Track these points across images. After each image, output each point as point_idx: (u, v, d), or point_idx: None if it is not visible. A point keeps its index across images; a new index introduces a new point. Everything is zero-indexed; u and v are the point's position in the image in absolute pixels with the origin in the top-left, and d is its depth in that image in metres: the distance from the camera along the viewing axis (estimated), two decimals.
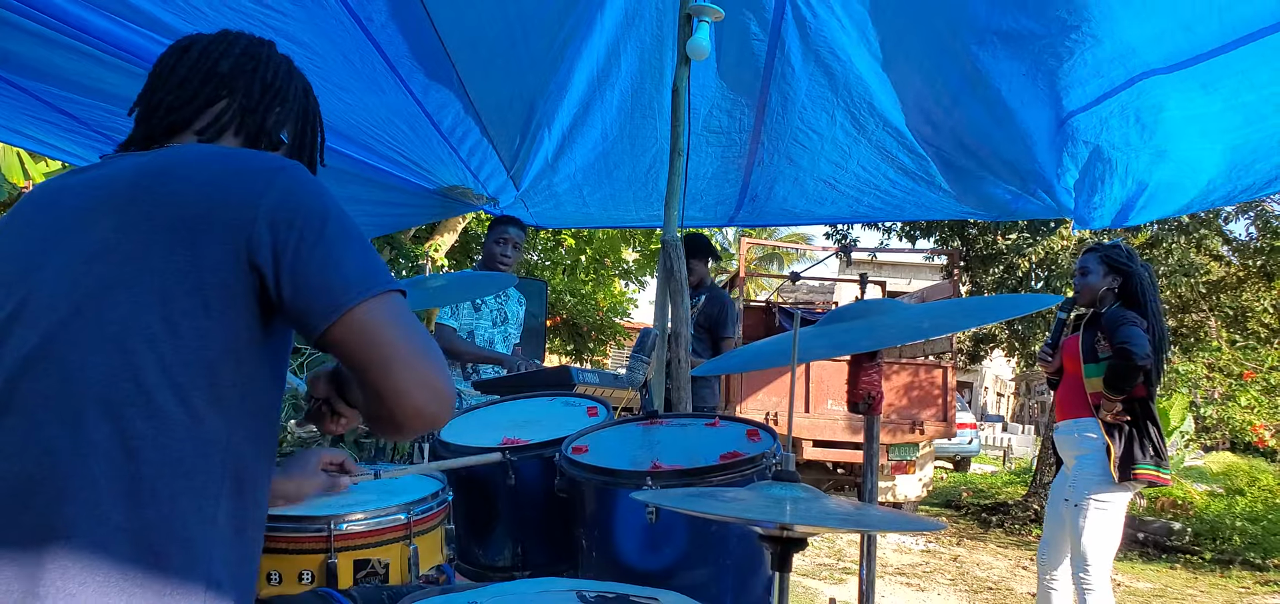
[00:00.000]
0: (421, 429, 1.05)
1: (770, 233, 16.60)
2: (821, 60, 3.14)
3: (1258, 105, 2.69)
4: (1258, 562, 7.27)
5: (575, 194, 4.36)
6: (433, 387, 1.02)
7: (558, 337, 14.26)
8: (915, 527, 1.10)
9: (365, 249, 1.05)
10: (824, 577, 6.27)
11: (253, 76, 1.22)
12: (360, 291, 1.01)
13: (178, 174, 1.04)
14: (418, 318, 2.83)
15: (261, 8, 2.43)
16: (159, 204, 1.01)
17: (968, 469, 16.73)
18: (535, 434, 2.13)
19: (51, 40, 2.30)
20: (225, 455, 1.02)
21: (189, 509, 0.98)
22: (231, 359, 1.01)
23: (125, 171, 1.07)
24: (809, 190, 3.99)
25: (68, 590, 0.91)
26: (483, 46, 2.99)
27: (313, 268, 1.01)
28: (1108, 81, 2.80)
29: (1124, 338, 3.33)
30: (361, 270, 1.02)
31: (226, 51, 1.22)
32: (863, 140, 3.53)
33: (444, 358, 1.07)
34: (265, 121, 1.23)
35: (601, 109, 3.57)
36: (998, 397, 33.27)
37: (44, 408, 0.96)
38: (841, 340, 1.55)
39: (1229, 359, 11.33)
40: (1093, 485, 3.42)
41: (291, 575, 1.59)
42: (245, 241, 1.00)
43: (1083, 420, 3.50)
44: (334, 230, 1.03)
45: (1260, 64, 2.51)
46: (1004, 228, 11.97)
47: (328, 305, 1.00)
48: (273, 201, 1.01)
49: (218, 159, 1.08)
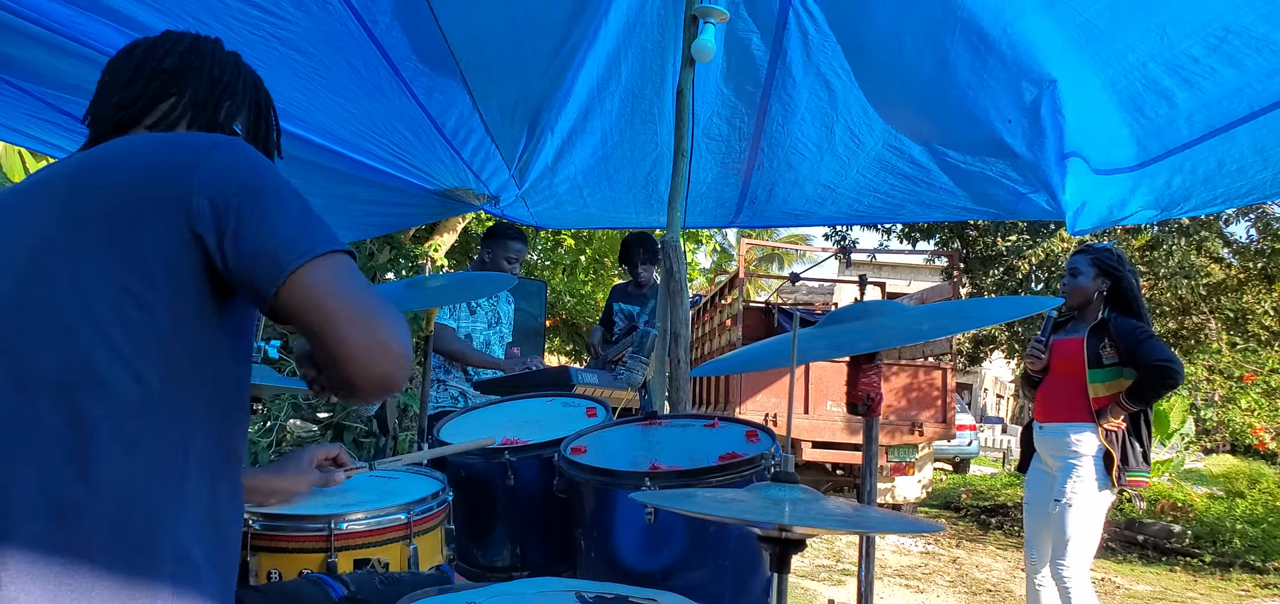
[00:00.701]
0: (377, 390, 1.02)
1: (770, 233, 16.59)
2: (822, 75, 3.15)
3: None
4: (1258, 564, 7.26)
5: (576, 195, 4.36)
6: (383, 345, 1.00)
7: (557, 336, 14.26)
8: (914, 528, 1.10)
9: (304, 211, 1.05)
10: (823, 578, 6.27)
11: (200, 72, 1.22)
12: (301, 254, 1.00)
13: (116, 160, 1.06)
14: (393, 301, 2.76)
15: (265, 15, 2.43)
16: (97, 191, 1.03)
17: (967, 471, 16.72)
18: (534, 434, 2.14)
19: (54, 46, 2.30)
20: (187, 430, 1.02)
21: (153, 488, 0.99)
22: (183, 334, 1.02)
23: (66, 167, 1.09)
24: (809, 194, 4.00)
25: (32, 573, 0.92)
26: (488, 49, 2.99)
27: (253, 235, 1.01)
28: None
29: (1160, 354, 3.40)
30: (301, 232, 1.02)
31: (171, 49, 1.23)
32: (861, 154, 3.54)
33: (399, 315, 1.05)
34: (217, 115, 1.23)
35: (602, 114, 3.58)
36: (997, 398, 33.26)
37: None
38: (841, 342, 1.55)
39: (1229, 362, 11.33)
40: (1088, 489, 3.44)
41: (291, 574, 1.60)
42: (184, 213, 1.00)
43: (1078, 424, 3.50)
44: (271, 197, 1.03)
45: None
46: (1004, 230, 11.98)
47: (271, 271, 1.00)
48: (208, 172, 1.02)
49: (156, 141, 1.09)
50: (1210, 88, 2.47)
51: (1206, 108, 2.57)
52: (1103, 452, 3.44)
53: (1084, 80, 2.75)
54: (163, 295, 1.00)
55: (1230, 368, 11.26)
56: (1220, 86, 2.45)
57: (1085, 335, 3.56)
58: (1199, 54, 2.37)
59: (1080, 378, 3.53)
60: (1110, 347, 3.49)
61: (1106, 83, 2.68)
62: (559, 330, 14.20)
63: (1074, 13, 2.47)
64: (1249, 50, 2.29)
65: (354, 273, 1.04)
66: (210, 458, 1.05)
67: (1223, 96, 2.49)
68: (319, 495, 1.79)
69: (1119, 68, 2.59)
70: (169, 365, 1.01)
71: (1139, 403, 3.43)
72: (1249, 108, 2.50)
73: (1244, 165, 2.79)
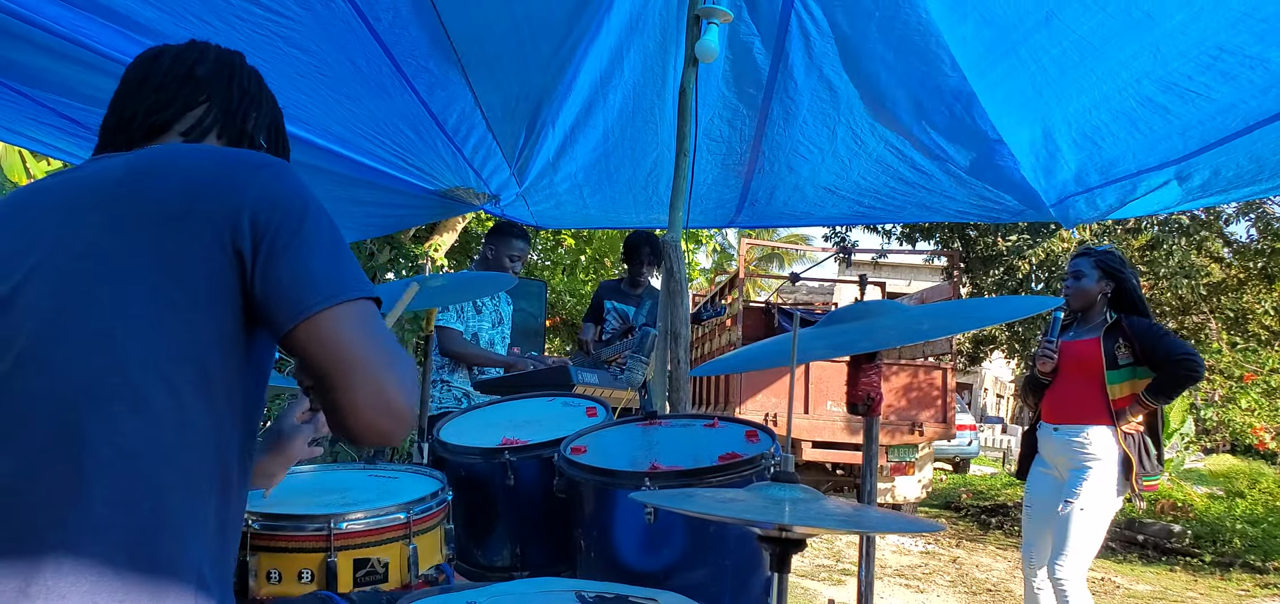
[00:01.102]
0: (373, 444, 1.04)
1: (770, 233, 16.62)
2: (825, 76, 3.16)
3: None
4: (1258, 564, 7.27)
5: (576, 194, 4.36)
6: (388, 407, 1.00)
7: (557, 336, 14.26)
8: (914, 528, 1.10)
9: (340, 252, 1.04)
10: (823, 578, 6.27)
11: (230, 82, 1.24)
12: (329, 296, 0.99)
13: (165, 169, 1.04)
14: (402, 325, 2.77)
15: (268, 14, 2.43)
16: (146, 199, 1.01)
17: (967, 471, 16.72)
18: (535, 434, 2.14)
19: (57, 52, 2.30)
20: (215, 451, 1.01)
21: (180, 505, 0.97)
22: (219, 352, 1.01)
23: (113, 169, 1.07)
24: (809, 197, 4.01)
25: (59, 590, 0.90)
26: (490, 46, 2.99)
27: (284, 263, 1.00)
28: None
29: (1183, 349, 3.44)
30: (333, 274, 1.01)
31: (201, 58, 1.23)
32: (863, 155, 3.55)
33: (413, 373, 1.05)
34: (246, 125, 1.24)
35: (604, 111, 3.58)
36: (997, 398, 33.26)
37: (32, 406, 0.95)
38: (841, 341, 1.55)
39: (1229, 361, 11.33)
40: (1104, 493, 3.43)
41: (291, 574, 1.60)
42: (230, 231, 0.99)
43: (1096, 428, 3.48)
44: (311, 227, 1.02)
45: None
46: (1004, 230, 11.98)
47: (295, 306, 0.99)
48: (257, 192, 1.01)
49: (205, 154, 1.08)
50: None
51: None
52: (1123, 456, 3.43)
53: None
54: (204, 312, 0.99)
55: (1230, 368, 11.26)
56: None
57: (1100, 336, 3.54)
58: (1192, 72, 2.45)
59: (1097, 379, 3.51)
60: (1125, 347, 3.48)
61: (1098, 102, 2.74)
62: (559, 330, 14.20)
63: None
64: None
65: (376, 324, 1.03)
66: (230, 479, 1.04)
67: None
68: (319, 495, 1.80)
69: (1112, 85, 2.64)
70: (204, 383, 0.99)
71: (1162, 398, 3.45)
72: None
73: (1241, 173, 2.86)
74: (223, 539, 1.04)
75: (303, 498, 1.75)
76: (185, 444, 0.98)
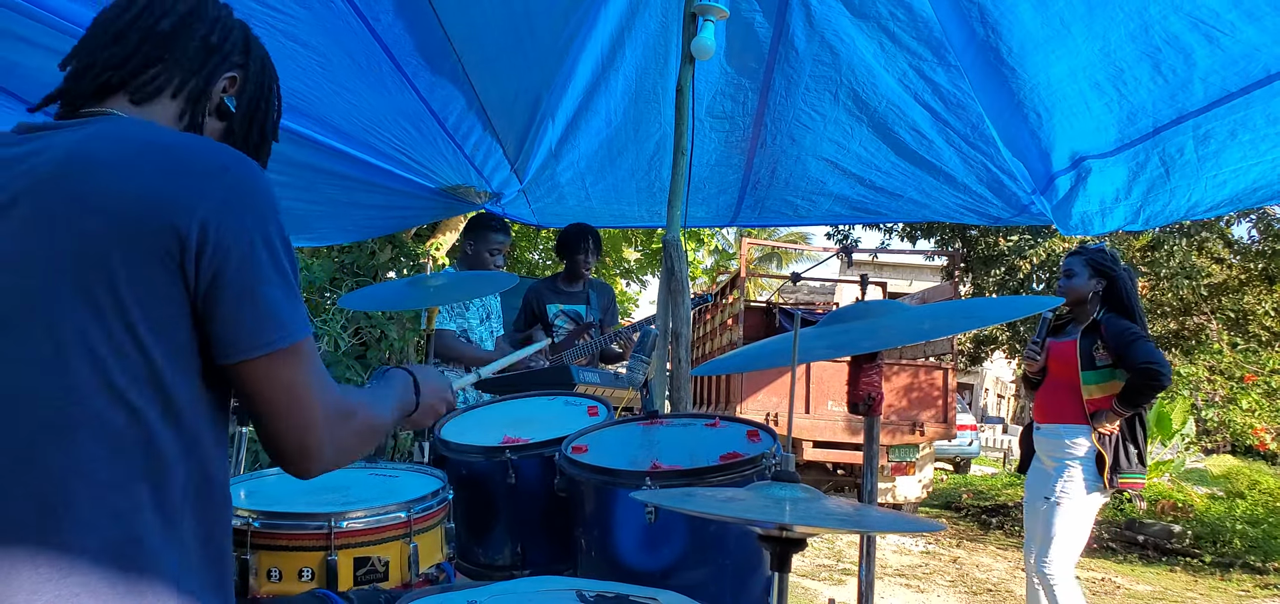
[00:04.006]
0: (289, 473, 1.08)
1: (770, 233, 16.61)
2: (826, 41, 3.17)
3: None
4: (1258, 565, 7.27)
5: (578, 185, 4.34)
6: (306, 449, 1.05)
7: None
8: (915, 528, 1.10)
9: (287, 286, 1.02)
10: (823, 577, 6.27)
11: (192, 36, 1.14)
12: (268, 342, 0.99)
13: (108, 169, 0.96)
14: (403, 324, 2.73)
15: (268, 10, 2.44)
16: (88, 208, 0.94)
17: (968, 471, 16.72)
18: (535, 433, 2.14)
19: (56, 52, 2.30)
20: (185, 464, 0.99)
21: (152, 524, 0.95)
22: (176, 366, 0.98)
23: (46, 161, 0.98)
24: (812, 173, 4.00)
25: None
26: (489, 42, 3.00)
27: (229, 297, 0.98)
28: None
29: (1147, 357, 3.35)
30: (277, 314, 1.00)
31: (171, 9, 1.13)
32: (865, 121, 3.54)
33: (343, 418, 1.09)
34: (209, 86, 1.15)
35: (606, 94, 3.59)
36: (998, 398, 33.25)
37: None
38: (842, 341, 1.55)
39: (1230, 362, 11.33)
40: (1078, 489, 3.45)
41: (292, 572, 1.60)
42: (178, 248, 0.95)
43: (1073, 427, 3.51)
44: (262, 255, 0.99)
45: None
46: (1005, 230, 11.97)
47: (234, 346, 0.99)
48: (205, 211, 0.96)
49: (154, 152, 0.99)
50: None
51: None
52: (1094, 453, 3.44)
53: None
54: (163, 329, 0.96)
55: (1231, 368, 11.26)
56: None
57: (1078, 337, 3.56)
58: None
59: (1074, 380, 3.53)
60: (1103, 348, 3.49)
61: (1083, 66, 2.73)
62: None
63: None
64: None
65: (311, 368, 1.04)
66: (208, 488, 1.02)
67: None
68: (319, 493, 1.80)
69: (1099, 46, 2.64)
70: (166, 400, 0.97)
71: (1130, 407, 3.40)
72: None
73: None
74: (208, 547, 1.02)
75: (303, 496, 1.75)
76: (154, 465, 0.96)
